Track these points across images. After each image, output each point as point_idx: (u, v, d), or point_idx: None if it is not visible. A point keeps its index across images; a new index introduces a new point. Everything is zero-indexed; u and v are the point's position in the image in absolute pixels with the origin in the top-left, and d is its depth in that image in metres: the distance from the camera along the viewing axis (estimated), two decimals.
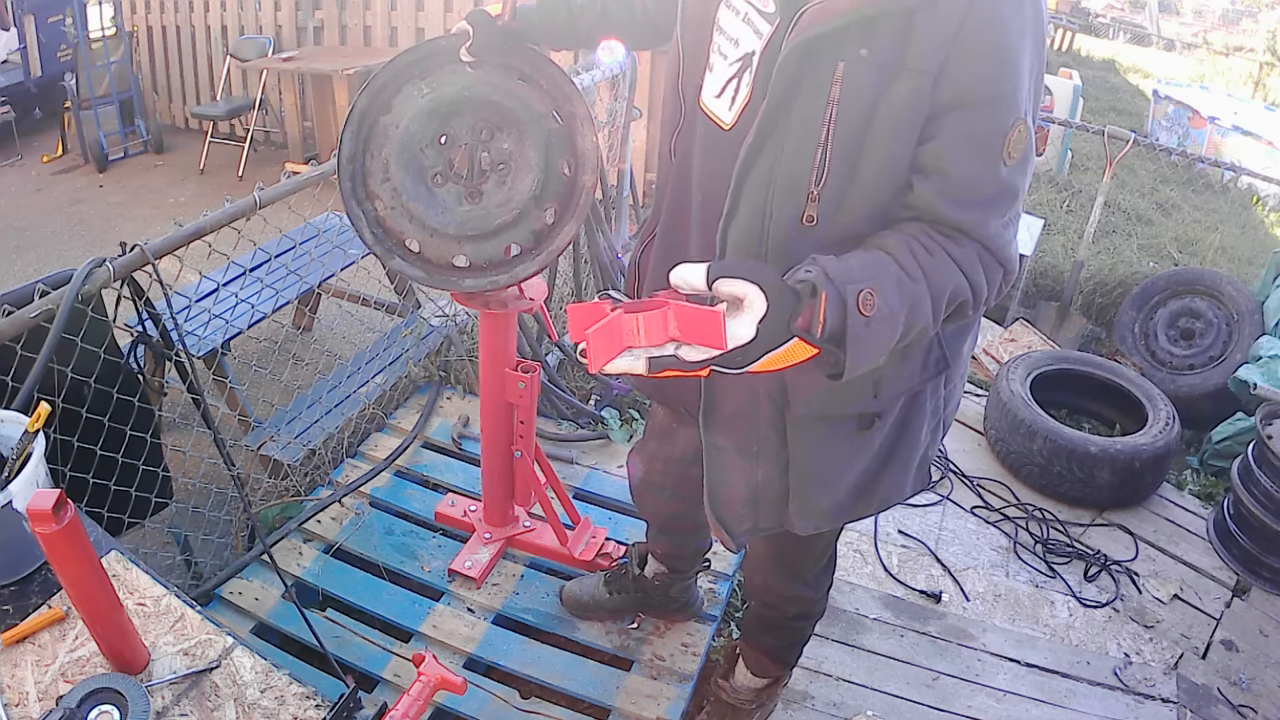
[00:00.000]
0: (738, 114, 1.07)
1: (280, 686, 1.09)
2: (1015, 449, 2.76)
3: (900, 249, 0.94)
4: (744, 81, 1.06)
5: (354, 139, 1.50)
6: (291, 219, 2.24)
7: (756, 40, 1.03)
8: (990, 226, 0.96)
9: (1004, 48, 0.92)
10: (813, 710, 1.94)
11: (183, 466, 2.22)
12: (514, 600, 2.02)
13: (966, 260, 0.96)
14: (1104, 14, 12.37)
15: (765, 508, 1.24)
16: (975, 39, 0.90)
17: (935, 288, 0.93)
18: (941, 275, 0.94)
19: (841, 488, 1.22)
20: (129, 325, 1.85)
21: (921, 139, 0.95)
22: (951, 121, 0.94)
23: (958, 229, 0.96)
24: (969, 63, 0.91)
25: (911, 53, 0.91)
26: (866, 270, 0.89)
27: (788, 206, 1.00)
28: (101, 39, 5.55)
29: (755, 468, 1.21)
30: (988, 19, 0.90)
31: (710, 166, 1.14)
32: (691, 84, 1.15)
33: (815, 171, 0.97)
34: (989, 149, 0.94)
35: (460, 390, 2.74)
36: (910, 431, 1.22)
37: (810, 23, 0.93)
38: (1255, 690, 2.13)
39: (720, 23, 1.09)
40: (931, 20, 0.90)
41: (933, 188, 0.95)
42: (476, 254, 1.55)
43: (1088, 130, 3.97)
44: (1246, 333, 3.30)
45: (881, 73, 0.92)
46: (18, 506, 1.11)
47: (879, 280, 0.89)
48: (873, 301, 0.87)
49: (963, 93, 0.92)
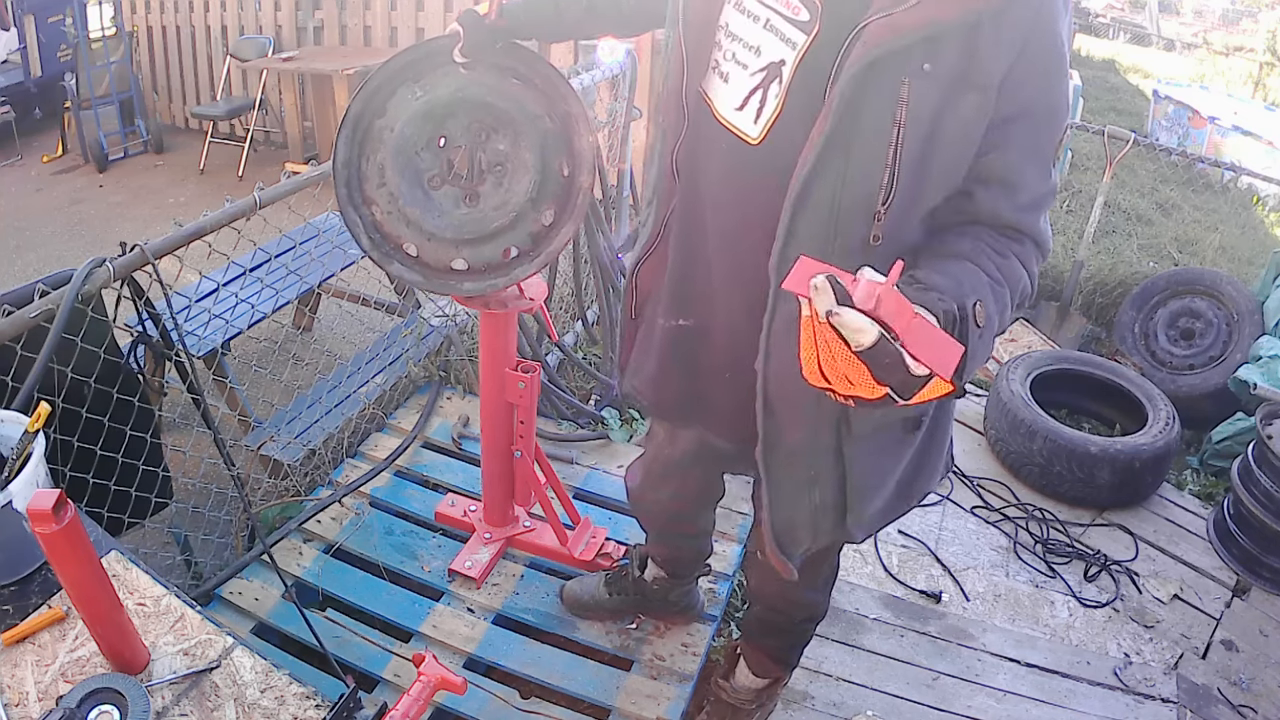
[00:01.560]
0: (766, 128, 1.03)
1: (280, 686, 1.09)
2: (1015, 449, 2.76)
3: (981, 256, 0.96)
4: (772, 93, 1.01)
5: (349, 144, 1.49)
6: (291, 219, 2.24)
7: (786, 49, 0.99)
8: (1041, 224, 1.02)
9: (1059, 59, 0.95)
10: (813, 710, 1.94)
11: (183, 466, 2.22)
12: (514, 600, 2.02)
13: (1028, 258, 1.01)
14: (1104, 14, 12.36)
15: (824, 527, 1.22)
16: (1037, 52, 0.92)
17: (1013, 289, 0.98)
18: (1015, 277, 0.98)
19: (888, 490, 1.23)
20: (129, 325, 1.85)
21: (982, 149, 0.95)
22: (1015, 132, 0.95)
23: (1018, 230, 1.00)
24: (1032, 75, 0.93)
25: (976, 66, 0.90)
26: (970, 283, 0.91)
27: (854, 230, 0.97)
28: (101, 39, 5.55)
29: (814, 492, 1.18)
30: (1047, 32, 0.92)
31: (736, 184, 1.09)
32: (694, 91, 1.10)
33: (883, 191, 0.95)
34: (1044, 155, 0.98)
35: (460, 390, 2.74)
36: (943, 422, 1.26)
37: (877, 38, 0.89)
38: (1255, 690, 2.13)
39: (730, 27, 1.04)
40: (996, 35, 0.89)
41: (998, 196, 0.98)
42: (474, 257, 1.55)
43: (1088, 130, 3.97)
44: (1246, 333, 3.30)
45: (946, 86, 0.91)
46: (18, 506, 1.11)
47: (980, 291, 0.91)
48: (983, 312, 0.89)
49: (1026, 105, 0.94)
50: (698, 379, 1.28)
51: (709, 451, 1.48)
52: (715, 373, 1.25)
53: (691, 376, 1.29)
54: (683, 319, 1.25)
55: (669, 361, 1.30)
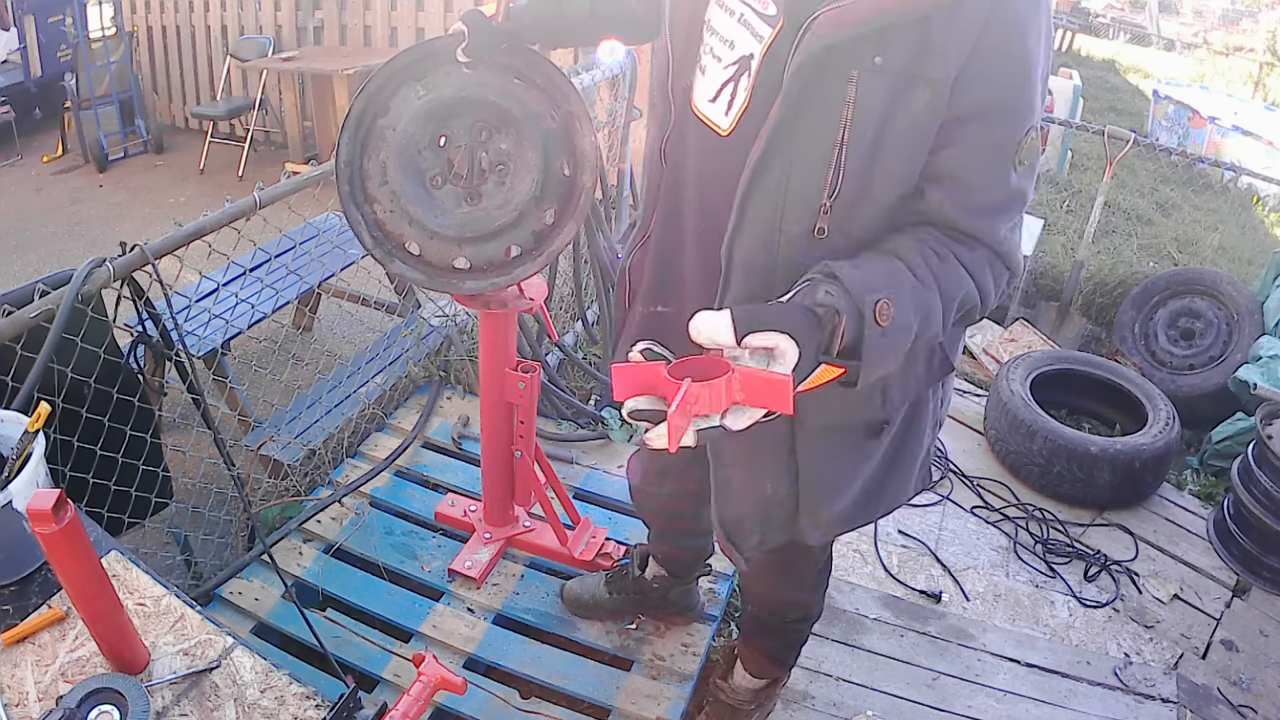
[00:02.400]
0: (735, 119, 1.04)
1: (280, 686, 1.09)
2: (1015, 449, 2.76)
3: (913, 255, 0.93)
4: (741, 85, 1.03)
5: (351, 142, 1.49)
6: (291, 219, 2.24)
7: (755, 43, 1.00)
8: (1000, 232, 0.98)
9: (1022, 57, 0.91)
10: (813, 710, 1.94)
11: (183, 466, 2.22)
12: (514, 600, 2.02)
13: (977, 265, 0.96)
14: (1104, 14, 12.35)
15: (774, 522, 1.22)
16: (994, 48, 0.89)
17: (946, 295, 0.94)
18: (953, 282, 0.94)
19: (849, 495, 1.22)
20: (129, 325, 1.84)
21: (935, 146, 0.94)
22: (968, 130, 0.93)
23: (969, 234, 0.96)
24: (987, 72, 0.90)
25: (928, 61, 0.89)
26: (883, 279, 0.89)
27: (799, 220, 0.98)
28: (101, 39, 5.55)
29: (764, 484, 1.19)
30: (1007, 28, 0.89)
31: (708, 174, 1.11)
32: (681, 85, 1.11)
33: (829, 184, 0.95)
34: (1002, 157, 0.94)
35: (460, 390, 2.74)
36: (914, 434, 1.23)
37: (825, 30, 0.89)
38: (1255, 690, 2.13)
39: (712, 23, 1.06)
40: (948, 28, 0.88)
41: (947, 195, 0.95)
42: (477, 256, 1.55)
43: (1088, 130, 3.97)
44: (1246, 333, 3.30)
45: (896, 81, 0.90)
46: (18, 506, 1.11)
47: (895, 290, 0.89)
48: (889, 311, 0.87)
49: (980, 102, 0.92)
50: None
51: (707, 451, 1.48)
52: None
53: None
54: (660, 305, 1.26)
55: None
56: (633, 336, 1.34)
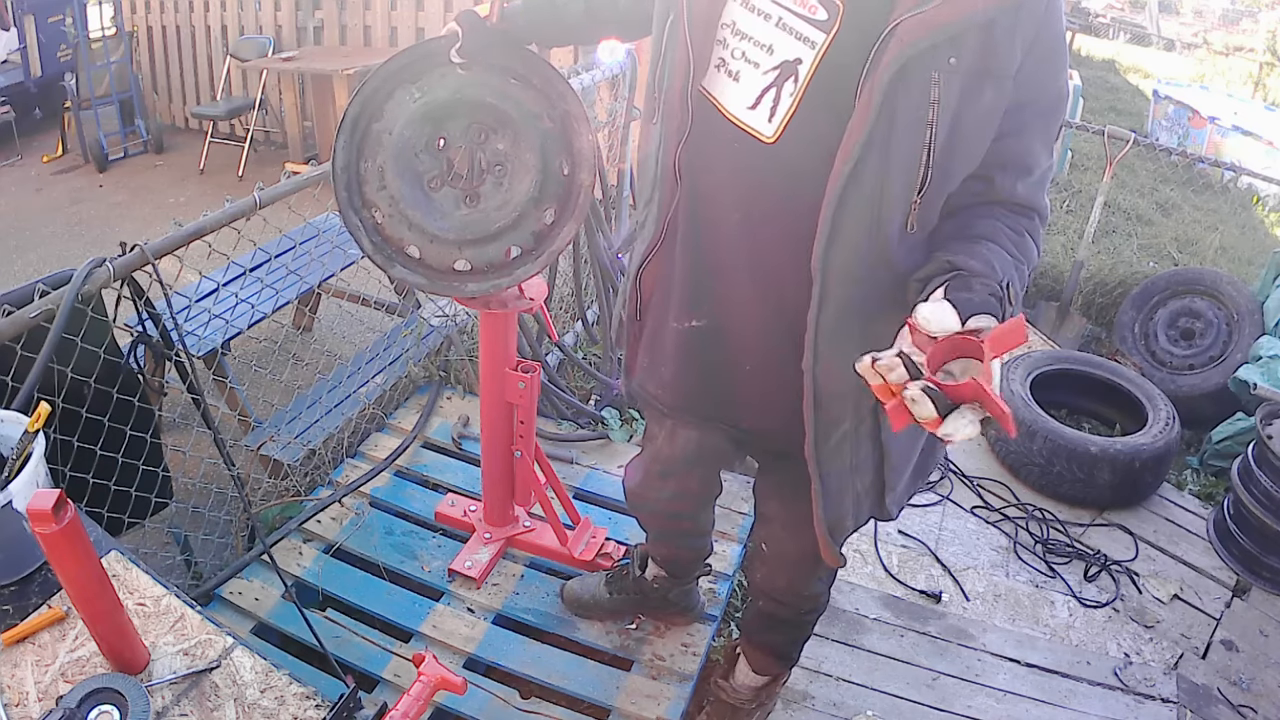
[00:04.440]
0: (781, 126, 1.04)
1: (280, 686, 1.09)
2: (1015, 449, 2.76)
3: (1001, 236, 1.02)
4: (786, 91, 1.03)
5: (347, 147, 1.49)
6: (291, 219, 2.24)
7: (803, 48, 1.01)
8: (1045, 200, 1.10)
9: (1063, 49, 1.03)
10: (813, 710, 1.94)
11: (183, 466, 2.22)
12: (514, 600, 2.02)
13: (1035, 231, 1.08)
14: (1104, 14, 12.35)
15: (864, 510, 1.27)
16: (1047, 41, 0.99)
17: (1030, 264, 1.05)
18: (1030, 252, 1.05)
19: (911, 467, 1.28)
20: (129, 325, 1.84)
21: (1000, 134, 1.01)
22: (1029, 117, 1.01)
23: (1030, 207, 1.07)
24: (1043, 64, 0.99)
25: (994, 59, 0.96)
26: (999, 264, 0.98)
27: (894, 221, 1.02)
28: (101, 39, 5.55)
29: (856, 479, 1.22)
30: (1054, 24, 0.99)
31: (748, 182, 1.10)
32: (697, 91, 1.10)
33: (920, 181, 1.00)
34: (1049, 137, 1.05)
35: (460, 390, 2.74)
36: None
37: (911, 36, 0.93)
38: (1255, 690, 2.13)
39: (739, 26, 1.06)
40: (1012, 27, 0.95)
41: (1015, 178, 1.04)
42: (477, 257, 1.55)
43: (1088, 130, 3.97)
44: (1246, 333, 3.30)
45: (969, 79, 0.96)
46: (18, 506, 1.11)
47: (1008, 270, 0.98)
48: (1014, 291, 0.96)
49: (1037, 93, 1.01)
50: (716, 377, 1.30)
51: (709, 450, 1.48)
52: (733, 368, 1.26)
53: (709, 375, 1.30)
54: (695, 320, 1.26)
55: (686, 363, 1.31)
56: (670, 353, 1.32)
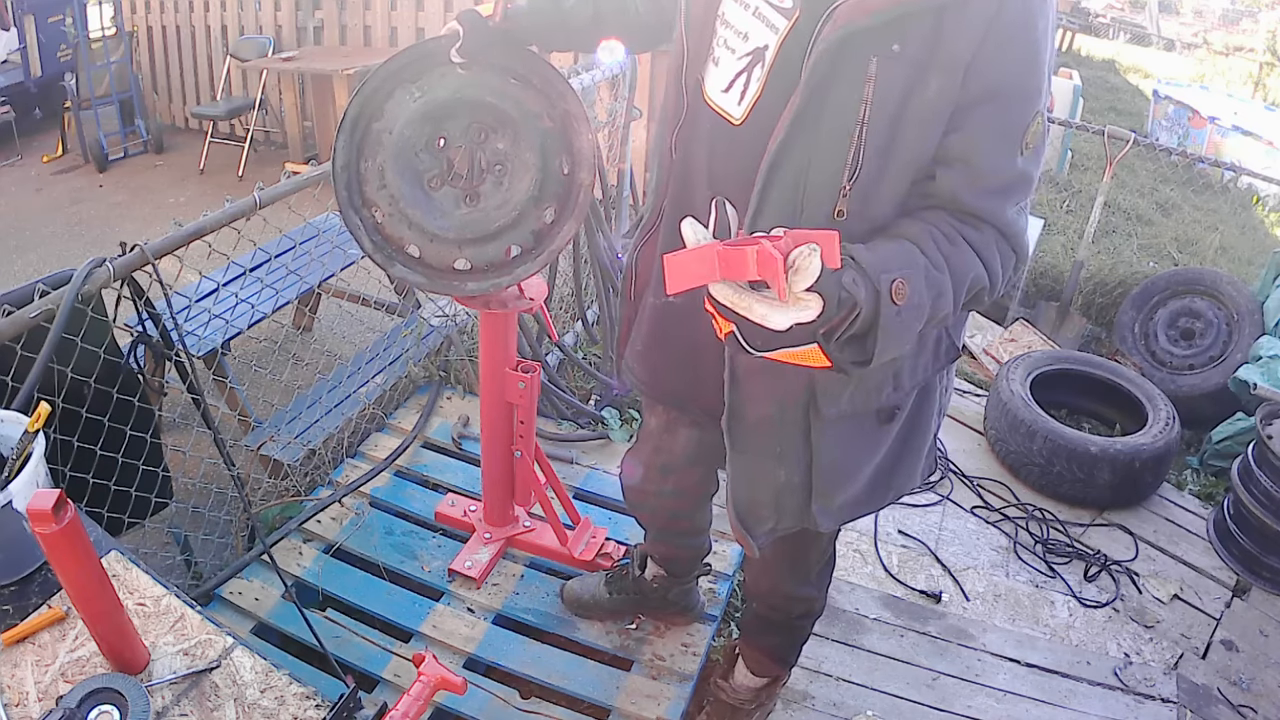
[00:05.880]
0: (749, 109, 1.06)
1: (280, 686, 1.09)
2: (1015, 449, 2.76)
3: (924, 238, 0.96)
4: (754, 76, 1.05)
5: (347, 147, 1.49)
6: (291, 219, 2.24)
7: (770, 34, 1.03)
8: (1007, 214, 1.00)
9: (1031, 43, 0.95)
10: (813, 710, 1.94)
11: (183, 466, 2.22)
12: (514, 600, 2.02)
13: (985, 246, 0.99)
14: (1104, 14, 12.35)
15: (788, 508, 1.25)
16: (1006, 35, 0.93)
17: (957, 276, 0.96)
18: (963, 264, 0.97)
19: (861, 481, 1.24)
20: (129, 325, 1.84)
21: (947, 130, 0.97)
22: (979, 114, 0.96)
23: (977, 215, 0.99)
24: (999, 58, 0.93)
25: (942, 48, 0.92)
26: (897, 259, 0.92)
27: (820, 203, 1.00)
28: (101, 39, 5.55)
29: (779, 470, 1.21)
30: (1016, 16, 0.93)
31: (722, 163, 1.13)
32: (694, 77, 1.14)
33: (848, 168, 0.98)
34: (1010, 140, 0.97)
35: (460, 390, 2.74)
36: (922, 420, 1.25)
37: (845, 18, 0.93)
38: (1255, 690, 2.13)
39: (726, 16, 1.08)
40: (961, 16, 0.91)
41: (957, 177, 0.98)
42: (477, 257, 1.55)
43: (1088, 130, 3.97)
44: (1246, 333, 3.30)
45: (913, 67, 0.93)
46: (18, 506, 1.11)
47: (908, 269, 0.91)
48: (904, 290, 0.89)
49: (991, 87, 0.95)
50: (682, 352, 1.31)
51: (708, 448, 1.48)
52: (694, 345, 1.27)
53: (678, 353, 1.31)
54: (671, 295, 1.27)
55: (656, 337, 1.34)
56: (643, 328, 1.35)
